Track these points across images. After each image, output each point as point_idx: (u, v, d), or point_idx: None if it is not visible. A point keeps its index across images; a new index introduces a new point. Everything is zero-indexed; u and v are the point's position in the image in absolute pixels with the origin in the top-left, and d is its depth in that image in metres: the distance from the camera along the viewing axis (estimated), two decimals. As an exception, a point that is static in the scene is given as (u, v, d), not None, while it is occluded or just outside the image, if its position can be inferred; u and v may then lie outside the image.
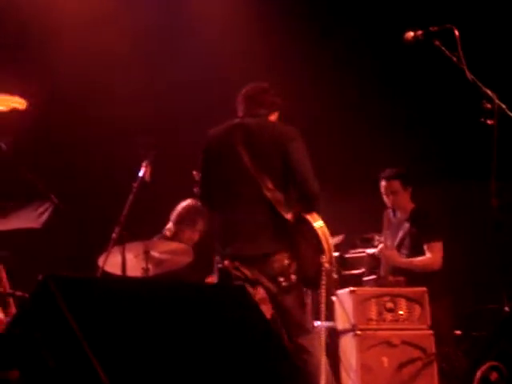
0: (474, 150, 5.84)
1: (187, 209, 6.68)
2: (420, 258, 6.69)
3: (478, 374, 4.02)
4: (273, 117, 5.37)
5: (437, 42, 4.84)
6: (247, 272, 4.99)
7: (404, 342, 6.17)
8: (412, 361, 6.12)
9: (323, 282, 4.92)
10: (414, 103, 8.00)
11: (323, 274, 4.91)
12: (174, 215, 6.71)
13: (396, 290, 6.34)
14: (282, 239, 4.99)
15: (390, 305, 6.29)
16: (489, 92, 4.68)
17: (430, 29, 4.86)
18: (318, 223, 5.00)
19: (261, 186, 4.98)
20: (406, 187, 6.82)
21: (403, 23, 5.12)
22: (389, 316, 6.24)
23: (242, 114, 5.29)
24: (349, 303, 6.22)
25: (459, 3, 7.39)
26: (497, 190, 4.59)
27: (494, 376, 4.06)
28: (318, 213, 5.08)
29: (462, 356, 6.15)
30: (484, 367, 4.02)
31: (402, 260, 6.71)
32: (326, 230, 5.01)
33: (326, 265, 4.92)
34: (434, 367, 6.12)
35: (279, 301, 5.07)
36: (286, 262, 4.97)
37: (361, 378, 6.14)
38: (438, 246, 6.69)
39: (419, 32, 4.89)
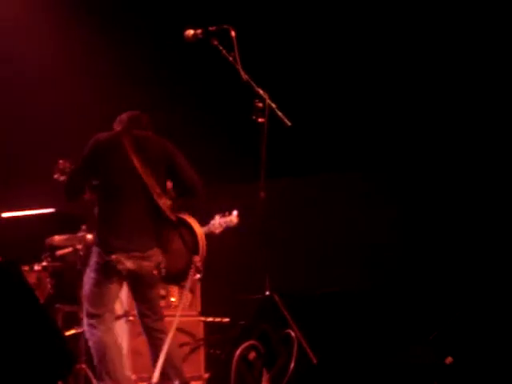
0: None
1: None
2: None
3: (237, 352, 4.26)
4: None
5: (215, 42, 5.06)
6: (130, 265, 5.44)
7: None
8: (181, 346, 6.34)
9: (189, 279, 5.51)
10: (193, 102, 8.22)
11: (192, 272, 5.49)
12: None
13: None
14: (160, 237, 5.53)
15: (162, 292, 6.47)
16: (261, 91, 4.96)
17: (209, 28, 5.08)
18: (199, 228, 5.61)
19: (150, 191, 5.48)
20: None
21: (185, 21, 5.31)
22: (161, 303, 6.41)
23: (122, 129, 5.66)
24: (123, 290, 6.33)
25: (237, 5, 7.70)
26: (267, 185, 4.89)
27: (252, 355, 4.31)
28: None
29: (229, 342, 6.42)
30: (243, 347, 4.27)
31: None
32: (203, 234, 5.63)
33: (198, 264, 5.50)
34: (202, 352, 6.37)
35: (145, 292, 5.60)
36: (161, 257, 5.51)
37: (131, 362, 6.30)
38: None
39: (199, 30, 5.10)
